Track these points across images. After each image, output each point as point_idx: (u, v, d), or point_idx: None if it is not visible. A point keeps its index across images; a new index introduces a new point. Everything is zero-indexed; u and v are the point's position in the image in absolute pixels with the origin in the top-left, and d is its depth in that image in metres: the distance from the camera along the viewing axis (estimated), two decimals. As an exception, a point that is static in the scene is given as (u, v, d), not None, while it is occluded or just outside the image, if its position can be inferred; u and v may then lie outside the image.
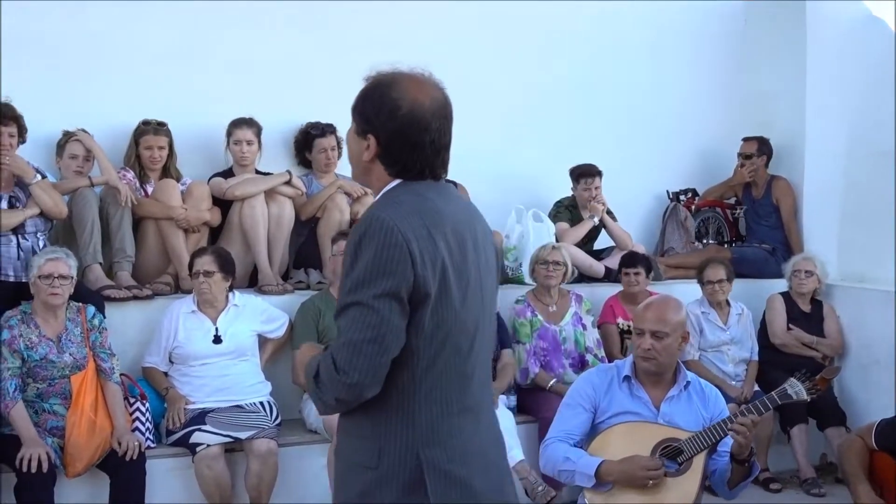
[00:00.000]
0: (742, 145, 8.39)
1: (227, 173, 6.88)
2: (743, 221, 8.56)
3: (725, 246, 8.41)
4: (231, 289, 6.01)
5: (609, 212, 7.83)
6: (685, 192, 8.51)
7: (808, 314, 7.40)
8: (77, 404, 5.30)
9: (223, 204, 6.70)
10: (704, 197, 8.59)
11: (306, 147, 7.21)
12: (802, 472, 6.80)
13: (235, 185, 6.64)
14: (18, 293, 5.58)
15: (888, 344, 7.05)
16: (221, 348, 5.80)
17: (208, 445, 5.49)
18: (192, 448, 5.52)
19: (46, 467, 4.97)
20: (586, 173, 7.73)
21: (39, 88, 6.39)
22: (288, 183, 6.74)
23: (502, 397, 6.13)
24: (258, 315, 6.03)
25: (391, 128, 2.70)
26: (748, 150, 8.33)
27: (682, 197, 8.47)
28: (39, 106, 6.09)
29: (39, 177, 5.79)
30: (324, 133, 7.10)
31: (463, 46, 7.75)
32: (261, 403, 5.78)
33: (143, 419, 5.62)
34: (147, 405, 5.68)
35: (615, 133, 8.24)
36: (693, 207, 8.44)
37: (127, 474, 5.26)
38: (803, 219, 8.24)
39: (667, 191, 8.51)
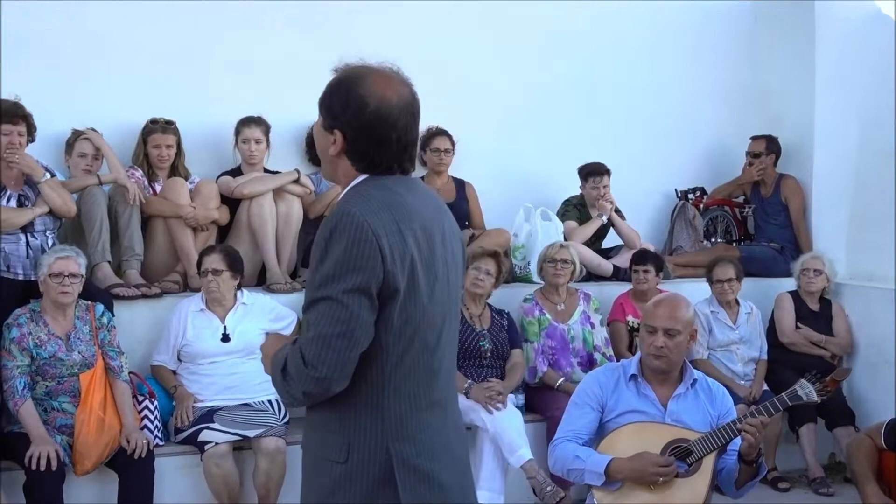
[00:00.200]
0: (750, 144, 8.37)
1: (236, 172, 6.89)
2: (751, 220, 8.54)
3: (734, 245, 8.39)
4: (239, 287, 6.02)
5: (617, 210, 7.82)
6: (694, 191, 8.50)
7: (817, 313, 7.39)
8: (86, 402, 5.31)
9: (231, 202, 6.70)
10: (713, 195, 8.58)
11: (313, 145, 7.20)
12: (811, 472, 6.79)
13: (244, 184, 6.64)
14: (27, 291, 5.60)
15: (897, 343, 7.04)
16: (230, 347, 5.81)
17: (217, 444, 5.50)
18: (201, 446, 5.52)
19: (55, 465, 4.99)
20: (595, 172, 7.72)
21: (48, 87, 6.41)
22: (296, 181, 6.75)
23: (511, 396, 6.12)
24: (266, 313, 6.03)
25: (357, 124, 2.69)
26: (757, 149, 8.32)
27: (691, 195, 8.46)
28: (48, 105, 6.12)
29: (48, 175, 5.80)
30: None
31: (470, 45, 7.78)
32: (269, 402, 5.78)
33: (152, 417, 5.63)
34: (155, 403, 5.69)
35: (624, 132, 8.24)
36: (701, 206, 8.43)
37: (135, 472, 5.27)
38: (812, 217, 8.23)
39: (675, 189, 8.49)
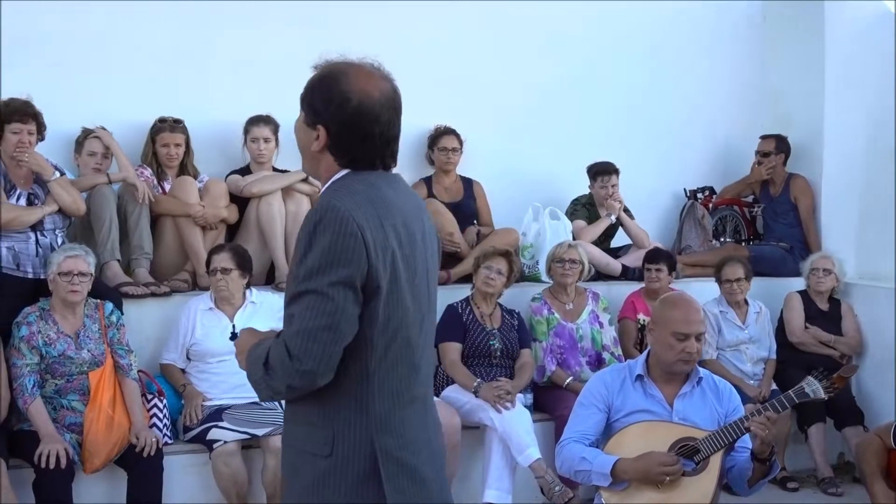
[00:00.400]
0: (759, 143, 8.36)
1: (245, 171, 6.90)
2: (760, 219, 8.53)
3: (743, 244, 8.38)
4: (248, 286, 6.03)
5: (626, 210, 7.82)
6: (702, 190, 8.49)
7: (826, 313, 7.38)
8: (95, 401, 5.33)
9: (240, 201, 6.71)
10: (722, 195, 8.57)
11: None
12: (820, 472, 6.78)
13: (253, 183, 6.65)
14: (37, 290, 5.62)
15: (906, 343, 7.03)
16: (238, 345, 5.81)
17: (225, 442, 5.51)
18: (210, 445, 5.53)
19: (65, 463, 5.01)
20: (603, 171, 7.72)
21: (58, 86, 6.41)
22: (305, 180, 6.74)
23: (519, 395, 6.12)
24: (275, 312, 6.02)
25: (340, 119, 2.71)
26: (766, 148, 8.30)
27: (700, 195, 8.44)
28: (58, 103, 6.12)
29: (58, 174, 5.81)
30: None
31: (479, 44, 7.80)
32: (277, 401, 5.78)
33: (161, 416, 5.64)
34: (164, 402, 5.70)
35: (633, 131, 8.23)
36: (710, 205, 8.41)
37: (144, 470, 5.28)
38: (821, 217, 8.21)
39: (684, 189, 8.48)
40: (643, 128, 8.28)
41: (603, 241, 7.80)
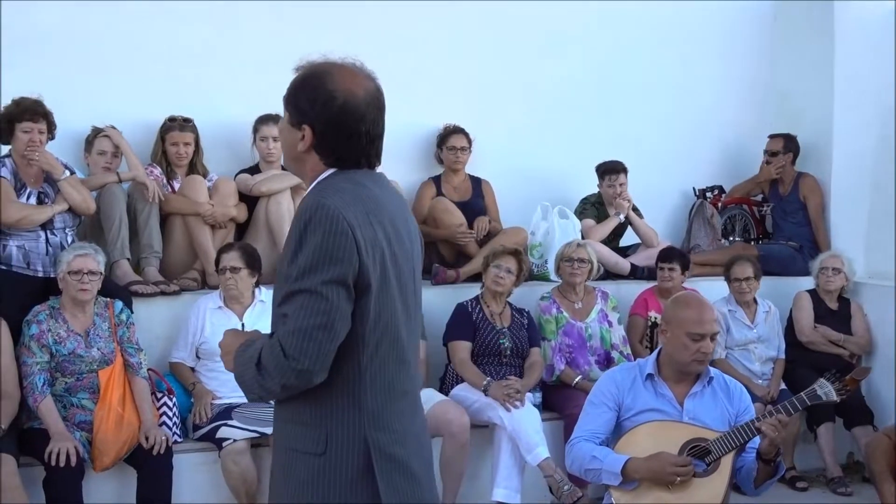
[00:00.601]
0: (768, 143, 8.35)
1: (254, 170, 6.91)
2: (770, 219, 8.51)
3: (752, 243, 8.37)
4: (257, 285, 6.04)
5: (635, 208, 7.81)
6: (712, 189, 8.47)
7: (836, 312, 7.36)
8: (105, 399, 5.34)
9: (249, 200, 6.72)
10: (731, 194, 8.56)
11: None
12: (829, 471, 6.77)
13: (262, 182, 6.66)
14: (47, 288, 5.63)
15: (916, 342, 7.02)
16: (248, 344, 5.82)
17: (234, 440, 5.52)
18: (219, 443, 5.54)
19: (75, 461, 5.03)
20: (611, 170, 7.71)
21: (67, 85, 6.42)
22: (314, 179, 6.75)
23: (528, 394, 6.12)
24: (284, 311, 6.04)
25: (327, 118, 2.73)
26: (774, 147, 8.29)
27: (709, 194, 8.43)
28: (68, 103, 6.13)
29: (68, 173, 5.83)
30: None
31: (489, 44, 7.79)
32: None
33: (171, 414, 5.65)
34: (174, 400, 5.71)
35: (642, 130, 8.22)
36: (719, 204, 8.40)
37: (154, 468, 5.29)
38: (830, 216, 8.20)
39: (693, 188, 8.47)
40: (652, 127, 8.27)
41: (612, 240, 7.80)
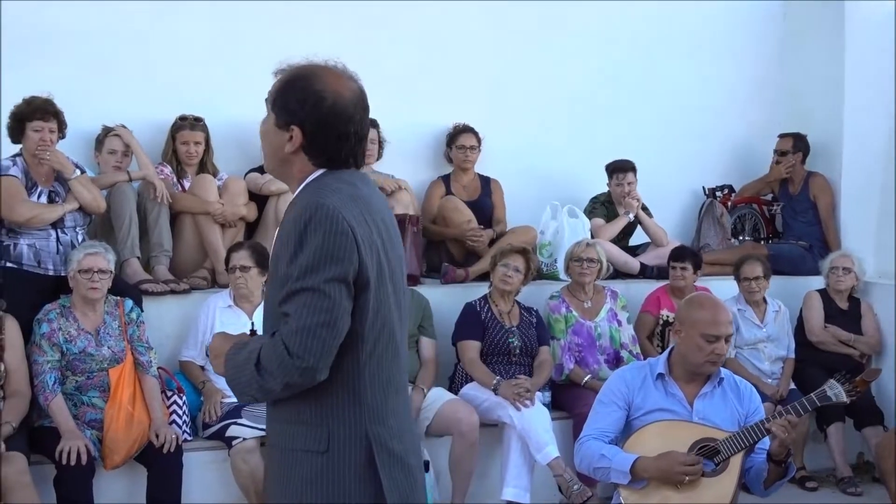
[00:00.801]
0: (778, 142, 8.34)
1: (264, 169, 6.90)
2: (779, 218, 8.50)
3: (762, 243, 8.36)
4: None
5: (644, 208, 7.80)
6: (721, 189, 8.47)
7: (846, 311, 7.34)
8: (115, 397, 5.36)
9: (259, 199, 6.73)
10: (741, 193, 8.55)
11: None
12: (839, 471, 6.76)
13: (271, 181, 6.66)
14: (57, 287, 5.65)
15: (926, 342, 7.00)
16: (257, 343, 5.83)
17: (244, 439, 5.52)
18: (229, 441, 5.55)
19: (85, 459, 5.03)
20: (620, 168, 7.71)
21: (78, 84, 6.44)
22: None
23: (538, 393, 6.12)
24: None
25: (317, 119, 2.75)
26: (784, 147, 8.28)
27: (719, 193, 8.43)
28: (78, 102, 6.15)
29: (79, 172, 5.84)
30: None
31: (499, 43, 7.81)
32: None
33: (180, 412, 5.66)
34: (184, 398, 5.72)
35: (652, 129, 8.22)
36: (729, 204, 8.40)
37: (164, 467, 5.31)
38: (840, 215, 8.19)
39: (703, 187, 8.46)
40: (662, 126, 8.27)
41: (621, 240, 7.79)
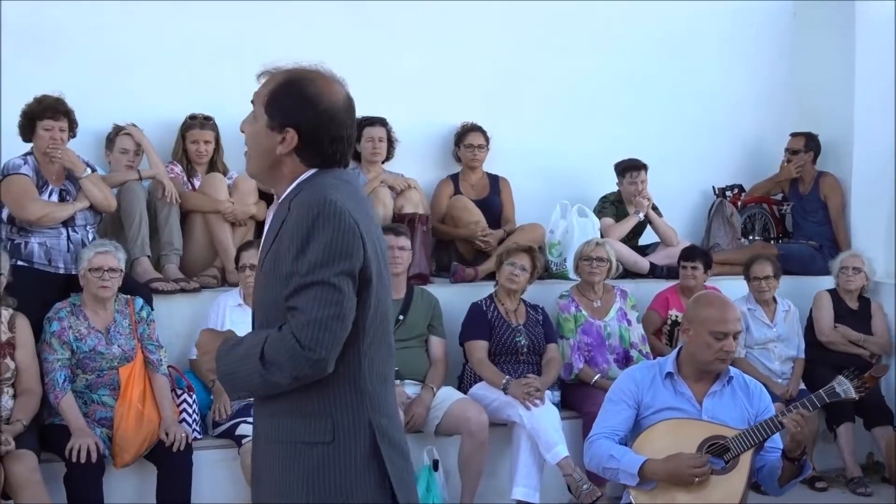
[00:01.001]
0: (789, 141, 8.33)
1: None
2: (790, 218, 8.49)
3: (772, 242, 8.34)
4: (277, 282, 6.04)
5: (654, 207, 7.80)
6: (731, 188, 8.46)
7: (856, 311, 7.32)
8: (125, 396, 5.37)
9: (269, 198, 6.73)
10: (751, 193, 8.53)
11: (357, 138, 7.27)
12: (849, 471, 6.74)
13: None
14: (68, 285, 5.68)
15: (936, 342, 6.98)
16: (267, 341, 5.83)
17: (254, 437, 5.52)
18: (238, 440, 5.56)
19: (95, 457, 5.05)
20: (632, 167, 7.70)
21: (89, 83, 6.46)
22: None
23: (547, 392, 6.12)
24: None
25: (314, 122, 2.79)
26: (795, 146, 8.27)
27: (729, 193, 8.42)
28: (89, 100, 6.17)
29: (89, 170, 5.86)
30: (373, 123, 7.18)
31: (509, 42, 7.81)
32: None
33: (190, 411, 5.67)
34: (194, 397, 5.73)
35: (661, 128, 8.21)
36: (739, 203, 8.38)
37: (174, 465, 5.32)
38: (851, 215, 8.17)
39: (713, 186, 8.45)
40: (672, 125, 8.26)
41: (631, 239, 7.79)
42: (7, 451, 4.87)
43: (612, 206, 7.81)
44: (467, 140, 7.55)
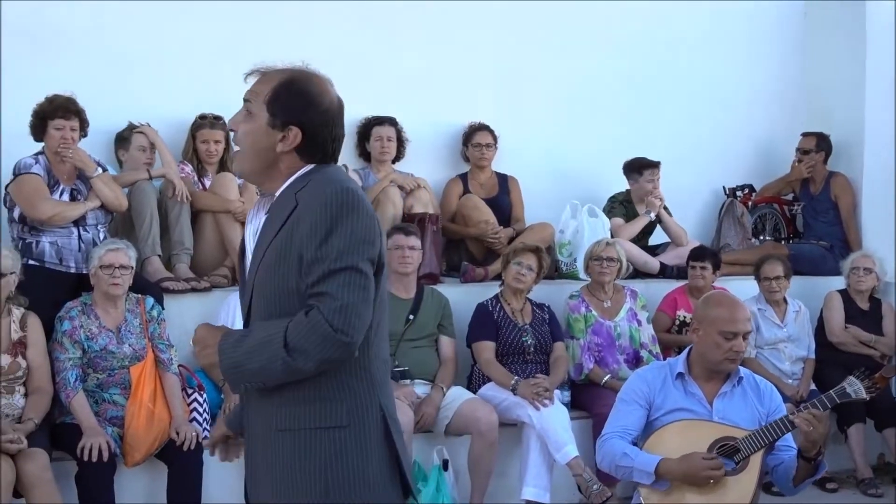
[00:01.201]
0: (801, 140, 8.32)
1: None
2: (800, 218, 8.48)
3: (782, 242, 8.34)
4: (287, 281, 6.05)
5: (664, 207, 7.79)
6: (742, 188, 8.45)
7: (867, 312, 7.31)
8: (136, 395, 5.37)
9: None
10: (761, 193, 8.53)
11: (366, 137, 7.29)
12: (859, 472, 6.73)
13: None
14: (79, 284, 5.69)
15: (947, 343, 6.96)
16: (277, 340, 5.84)
17: (264, 436, 5.53)
18: (248, 439, 5.55)
19: (106, 456, 5.05)
20: (648, 165, 7.71)
21: (100, 83, 6.47)
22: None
23: (557, 392, 6.11)
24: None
25: (318, 121, 2.85)
26: (807, 146, 8.26)
27: (739, 193, 8.41)
28: (99, 100, 6.18)
29: (100, 170, 5.88)
30: (382, 123, 7.20)
31: (519, 42, 7.81)
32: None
33: (201, 410, 5.67)
34: (204, 396, 5.74)
35: (672, 128, 8.21)
36: (750, 203, 8.38)
37: (184, 464, 5.32)
38: (862, 215, 8.17)
39: (723, 186, 8.45)
40: (682, 125, 8.26)
41: (641, 239, 7.79)
42: (19, 450, 4.88)
43: (622, 206, 7.81)
44: (475, 139, 7.56)
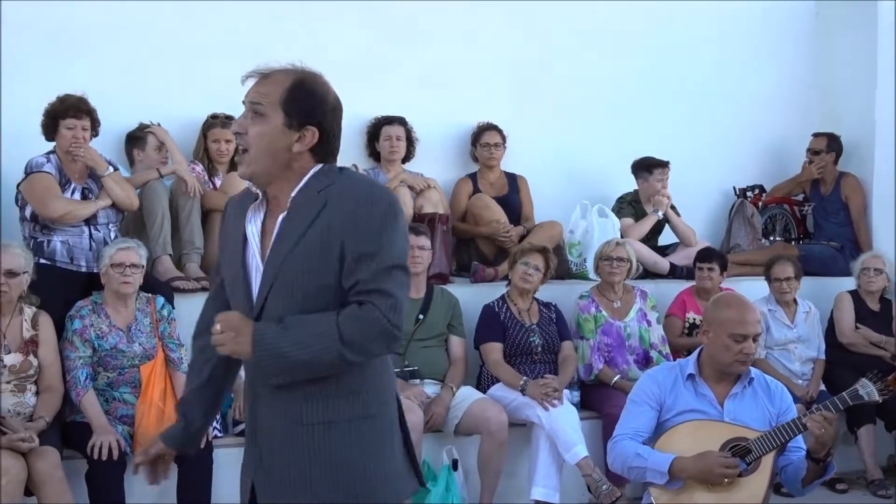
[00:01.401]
0: (811, 141, 8.31)
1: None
2: (811, 218, 8.47)
3: (793, 243, 8.32)
4: (297, 281, 6.05)
5: (672, 207, 7.78)
6: (752, 189, 8.44)
7: (877, 313, 7.30)
8: (146, 394, 5.39)
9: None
10: (772, 193, 8.52)
11: (376, 137, 7.29)
12: (869, 473, 6.72)
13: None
14: (90, 283, 5.70)
15: (959, 344, 6.94)
16: (287, 339, 5.84)
17: (274, 436, 5.54)
18: (258, 438, 5.56)
19: (117, 454, 5.06)
20: (658, 164, 7.71)
21: (112, 82, 6.49)
22: (352, 175, 6.78)
23: (566, 392, 6.11)
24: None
25: (332, 120, 2.90)
26: (817, 146, 8.24)
27: (750, 193, 8.40)
28: (110, 100, 6.18)
29: (111, 169, 5.89)
30: (391, 122, 7.21)
31: (530, 42, 7.82)
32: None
33: (211, 409, 5.68)
34: (214, 395, 5.74)
35: (682, 128, 8.20)
36: (760, 204, 8.37)
37: (194, 463, 5.27)
38: (872, 216, 8.15)
39: (734, 187, 8.44)
40: (693, 126, 8.26)
41: (650, 239, 7.78)
42: (30, 448, 4.90)
43: (630, 207, 7.81)
44: (483, 139, 7.57)
